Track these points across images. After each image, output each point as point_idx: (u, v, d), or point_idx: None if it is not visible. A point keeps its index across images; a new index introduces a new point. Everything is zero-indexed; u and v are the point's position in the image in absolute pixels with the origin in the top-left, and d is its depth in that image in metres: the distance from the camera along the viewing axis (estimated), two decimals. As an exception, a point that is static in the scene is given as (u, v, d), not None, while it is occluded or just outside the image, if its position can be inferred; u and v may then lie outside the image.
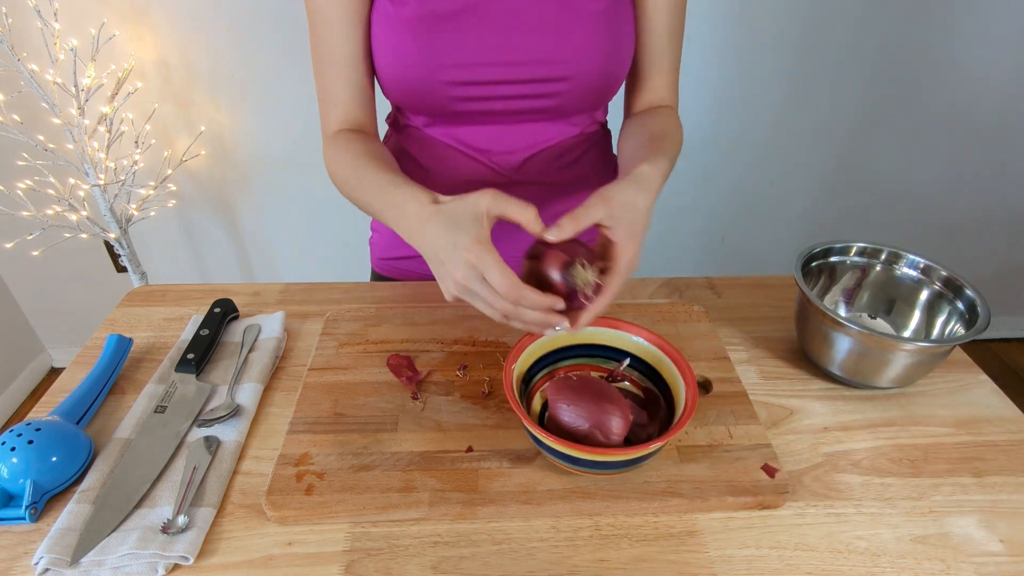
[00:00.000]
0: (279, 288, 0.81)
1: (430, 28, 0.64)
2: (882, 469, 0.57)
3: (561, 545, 0.51)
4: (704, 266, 1.91)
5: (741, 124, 1.65)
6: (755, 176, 1.75)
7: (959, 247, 1.88)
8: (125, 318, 0.76)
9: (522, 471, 0.55)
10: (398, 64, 0.67)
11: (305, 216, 1.74)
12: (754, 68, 1.57)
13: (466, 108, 0.70)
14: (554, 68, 0.67)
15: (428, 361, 0.67)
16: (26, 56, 1.29)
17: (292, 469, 0.55)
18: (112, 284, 1.82)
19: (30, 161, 1.40)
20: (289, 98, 1.53)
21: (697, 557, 0.50)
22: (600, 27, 0.66)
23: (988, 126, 1.66)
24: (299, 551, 0.50)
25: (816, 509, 0.54)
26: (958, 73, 1.57)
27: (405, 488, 0.53)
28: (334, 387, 0.64)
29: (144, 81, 1.48)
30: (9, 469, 0.52)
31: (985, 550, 0.50)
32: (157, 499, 0.53)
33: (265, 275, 1.87)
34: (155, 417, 0.60)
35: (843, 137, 1.68)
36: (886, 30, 1.51)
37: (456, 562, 0.49)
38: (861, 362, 0.62)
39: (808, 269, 0.69)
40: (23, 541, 0.50)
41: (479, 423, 0.60)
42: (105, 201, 1.44)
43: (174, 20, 1.42)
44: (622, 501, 0.53)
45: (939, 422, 0.62)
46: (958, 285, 0.65)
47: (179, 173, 1.60)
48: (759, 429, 0.59)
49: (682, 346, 0.69)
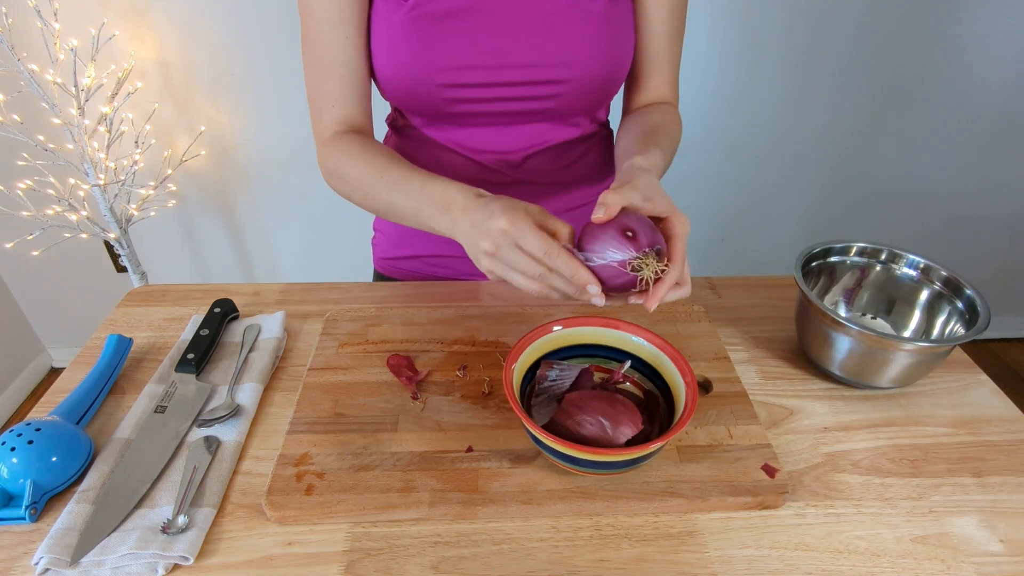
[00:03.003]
0: (279, 288, 0.81)
1: (427, 30, 0.64)
2: (882, 469, 0.57)
3: (561, 545, 0.51)
4: (704, 266, 1.91)
5: (741, 124, 1.65)
6: (755, 176, 1.75)
7: (959, 247, 1.88)
8: (125, 318, 0.76)
9: (522, 471, 0.55)
10: (395, 66, 0.67)
11: (305, 216, 1.74)
12: (755, 68, 1.57)
13: (464, 110, 0.70)
14: (553, 71, 0.67)
15: (428, 361, 0.67)
16: (26, 56, 1.29)
17: (292, 469, 0.55)
18: (112, 284, 1.82)
19: (30, 161, 1.40)
20: (289, 98, 1.53)
21: (697, 557, 0.50)
22: (599, 29, 0.66)
23: (988, 126, 1.66)
24: (299, 551, 0.50)
25: (816, 509, 0.54)
26: (958, 73, 1.57)
27: (405, 488, 0.53)
28: (334, 387, 0.64)
29: (144, 81, 1.48)
30: (9, 469, 0.52)
31: (985, 550, 0.50)
32: (157, 499, 0.53)
33: (265, 275, 1.87)
34: (155, 417, 0.60)
35: (843, 137, 1.68)
36: (887, 30, 1.51)
37: (456, 562, 0.49)
38: (861, 362, 0.62)
39: (808, 269, 0.69)
40: (23, 541, 0.50)
41: (479, 423, 0.60)
42: (105, 201, 1.44)
43: (174, 20, 1.42)
44: (622, 501, 0.53)
45: (939, 422, 0.62)
46: (958, 285, 0.65)
47: (179, 173, 1.60)
48: (759, 429, 0.59)
49: (682, 346, 0.69)
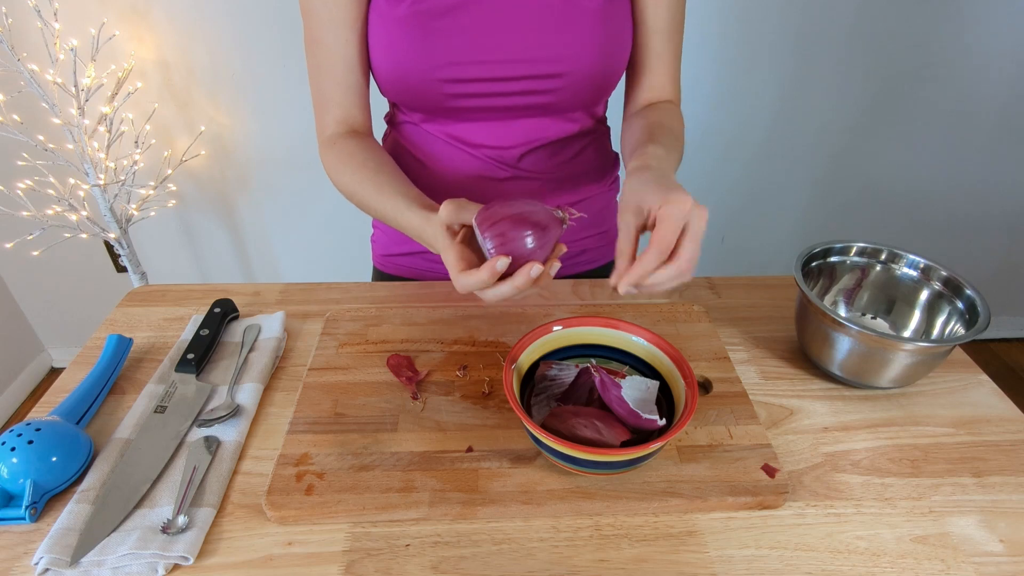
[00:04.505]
0: (279, 288, 0.81)
1: (425, 26, 0.65)
2: (882, 469, 0.57)
3: (561, 545, 0.51)
4: (704, 266, 1.90)
5: (740, 124, 1.65)
6: (755, 176, 1.75)
7: (959, 247, 1.88)
8: (125, 318, 0.76)
9: (522, 471, 0.55)
10: (393, 63, 0.67)
11: (305, 216, 1.74)
12: (753, 67, 1.57)
13: (462, 105, 0.70)
14: (550, 65, 0.68)
15: (428, 361, 0.67)
16: (26, 56, 1.29)
17: (292, 469, 0.55)
18: (112, 284, 1.82)
19: (30, 161, 1.40)
20: (289, 98, 1.53)
21: (697, 557, 0.50)
22: (596, 24, 0.66)
23: (988, 126, 1.66)
24: (299, 551, 0.50)
25: (816, 509, 0.54)
26: (958, 72, 1.57)
27: (405, 488, 0.53)
28: (334, 387, 0.64)
29: (144, 81, 1.48)
30: (9, 469, 0.52)
31: (985, 550, 0.50)
32: (157, 499, 0.53)
33: (265, 275, 1.87)
34: (155, 417, 0.60)
35: (843, 137, 1.68)
36: (885, 29, 1.51)
37: (456, 562, 0.49)
38: (861, 362, 0.62)
39: (808, 269, 0.69)
40: (23, 541, 0.50)
41: (479, 423, 0.60)
42: (105, 201, 1.44)
43: (174, 20, 1.42)
44: (622, 501, 0.52)
45: (939, 422, 0.62)
46: (958, 285, 0.65)
47: (179, 173, 1.60)
48: (759, 429, 0.59)
49: (682, 346, 0.69)
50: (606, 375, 0.56)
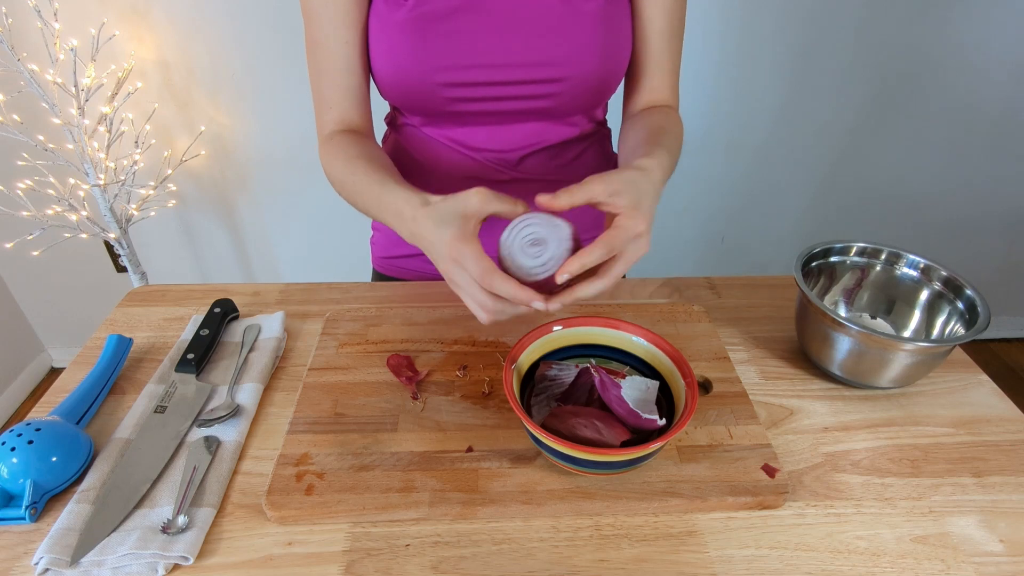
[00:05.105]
0: (279, 288, 0.81)
1: (424, 30, 0.65)
2: (882, 469, 0.57)
3: (561, 545, 0.51)
4: (704, 266, 1.91)
5: (741, 124, 1.65)
6: (755, 176, 1.75)
7: (959, 247, 1.88)
8: (125, 318, 0.76)
9: (522, 471, 0.55)
10: (394, 66, 0.67)
11: (305, 216, 1.74)
12: (754, 68, 1.56)
13: (462, 109, 0.70)
14: (550, 69, 0.67)
15: (428, 361, 0.67)
16: (26, 56, 1.29)
17: (292, 469, 0.55)
18: (112, 284, 1.82)
19: (30, 161, 1.40)
20: (289, 98, 1.53)
21: (697, 557, 0.50)
22: (595, 28, 0.66)
23: (988, 126, 1.66)
24: (299, 551, 0.50)
25: (816, 509, 0.54)
26: (958, 72, 1.57)
27: (405, 488, 0.53)
28: (334, 387, 0.64)
29: (144, 81, 1.48)
30: (9, 469, 0.52)
31: (985, 550, 0.50)
32: (157, 499, 0.53)
33: (265, 275, 1.87)
34: (155, 417, 0.60)
35: (843, 137, 1.68)
36: (886, 30, 1.51)
37: (456, 562, 0.49)
38: (861, 362, 0.62)
39: (808, 269, 0.69)
40: (23, 541, 0.50)
41: (479, 423, 0.60)
42: (105, 201, 1.44)
43: (174, 20, 1.42)
44: (622, 501, 0.53)
45: (939, 422, 0.62)
46: (958, 285, 0.65)
47: (179, 173, 1.60)
48: (759, 429, 0.59)
49: (682, 346, 0.69)
50: (606, 375, 0.56)
